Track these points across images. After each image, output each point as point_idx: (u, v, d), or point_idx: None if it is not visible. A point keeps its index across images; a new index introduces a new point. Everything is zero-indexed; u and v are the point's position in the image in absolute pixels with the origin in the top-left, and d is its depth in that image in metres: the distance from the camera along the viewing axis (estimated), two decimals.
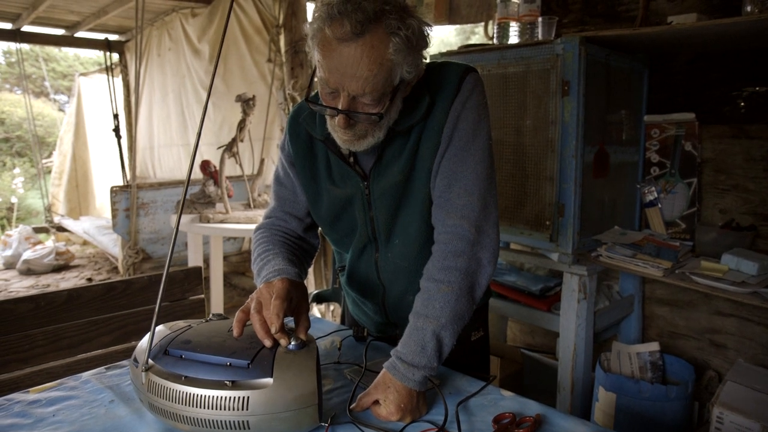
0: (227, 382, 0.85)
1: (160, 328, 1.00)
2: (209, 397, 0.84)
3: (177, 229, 0.94)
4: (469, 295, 1.03)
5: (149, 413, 0.96)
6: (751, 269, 1.62)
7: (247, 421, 0.84)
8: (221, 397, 0.84)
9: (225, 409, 0.84)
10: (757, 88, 1.86)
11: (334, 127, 1.00)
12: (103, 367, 1.19)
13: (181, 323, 1.02)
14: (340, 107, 0.95)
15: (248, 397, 0.84)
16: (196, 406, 0.85)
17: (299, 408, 0.85)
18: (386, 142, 1.05)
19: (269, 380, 0.85)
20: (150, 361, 0.92)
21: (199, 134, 0.90)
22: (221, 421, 0.85)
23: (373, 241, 1.18)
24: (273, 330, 0.91)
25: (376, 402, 0.98)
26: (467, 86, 1.06)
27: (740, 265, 1.65)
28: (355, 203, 1.14)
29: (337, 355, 1.23)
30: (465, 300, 1.03)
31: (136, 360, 0.95)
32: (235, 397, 0.84)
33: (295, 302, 1.01)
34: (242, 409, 0.84)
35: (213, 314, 1.07)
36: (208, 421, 0.85)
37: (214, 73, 0.95)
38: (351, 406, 0.99)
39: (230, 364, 0.87)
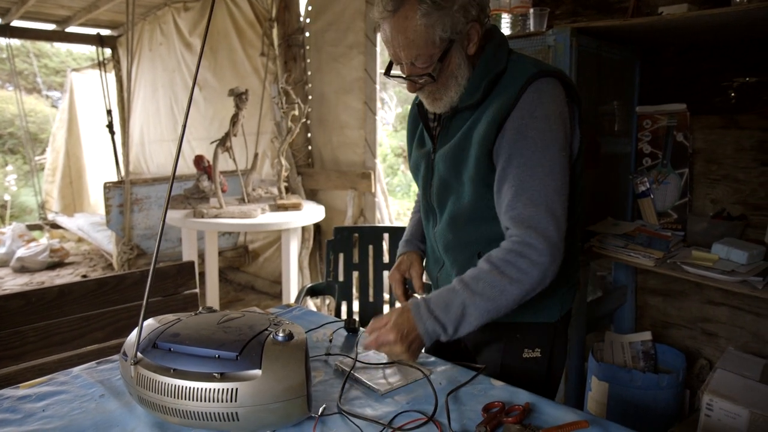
0: (216, 374, 0.85)
1: (149, 321, 1.00)
2: (198, 389, 0.85)
3: (163, 223, 0.94)
4: (517, 295, 1.02)
5: (139, 407, 0.96)
6: (740, 258, 1.62)
7: (236, 413, 0.84)
8: (210, 389, 0.84)
9: (214, 401, 0.84)
10: (747, 79, 1.87)
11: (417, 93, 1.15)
12: (94, 362, 1.19)
13: (170, 317, 1.02)
14: (404, 75, 1.10)
15: (237, 389, 0.84)
16: (185, 399, 0.85)
17: (288, 399, 0.86)
18: (452, 117, 1.16)
19: (258, 372, 0.85)
20: (139, 354, 0.92)
21: (183, 128, 0.90)
22: (210, 413, 0.85)
23: (432, 208, 1.25)
24: (399, 292, 1.31)
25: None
26: (532, 95, 1.05)
27: (730, 254, 1.66)
28: (423, 166, 1.24)
29: (327, 347, 1.23)
30: (511, 297, 1.01)
31: (125, 354, 0.95)
32: (223, 389, 0.84)
33: (406, 266, 1.34)
34: (231, 401, 0.84)
35: (203, 307, 1.07)
36: (198, 413, 0.85)
37: (198, 67, 0.95)
38: (365, 329, 1.08)
39: (219, 356, 0.87)
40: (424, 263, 1.38)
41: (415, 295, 1.34)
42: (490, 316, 1.02)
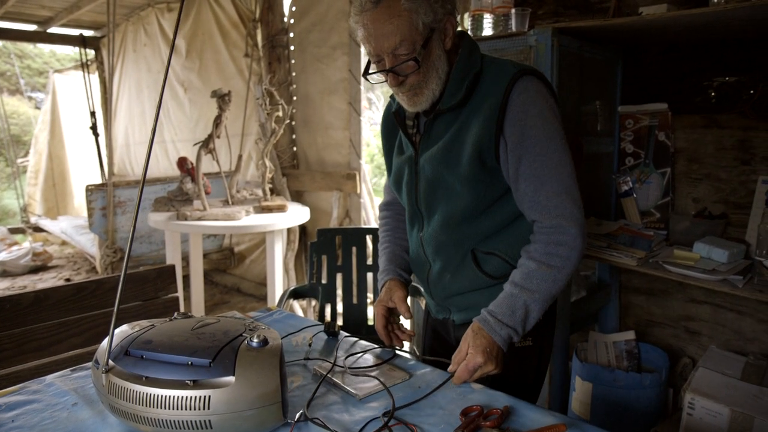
0: (188, 382, 0.84)
1: (122, 327, 0.98)
2: (170, 397, 0.83)
3: (134, 228, 0.92)
4: (564, 280, 1.11)
5: (112, 415, 0.94)
6: (721, 257, 1.63)
7: (209, 421, 0.83)
8: (182, 397, 0.83)
9: (186, 409, 0.83)
10: (727, 78, 1.88)
11: (396, 92, 1.15)
12: (68, 369, 1.17)
13: (144, 323, 1.00)
14: (387, 69, 1.11)
15: (210, 396, 0.82)
16: (157, 407, 0.83)
17: (262, 406, 0.84)
18: (434, 120, 1.17)
19: (231, 378, 0.84)
20: (110, 362, 0.90)
21: (153, 130, 0.88)
22: (183, 422, 0.83)
23: (419, 213, 1.25)
24: (380, 326, 1.26)
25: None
26: (521, 95, 1.09)
27: (711, 253, 1.66)
28: (407, 171, 1.24)
29: (307, 351, 1.22)
30: (561, 284, 1.11)
31: (97, 361, 0.93)
32: (196, 397, 0.82)
33: (388, 295, 1.29)
34: (204, 409, 0.82)
35: (177, 313, 1.05)
36: (170, 421, 0.84)
37: (167, 67, 0.93)
38: (449, 369, 1.09)
39: (191, 363, 0.85)
40: (412, 270, 1.39)
41: (404, 324, 1.34)
42: (548, 304, 1.11)
